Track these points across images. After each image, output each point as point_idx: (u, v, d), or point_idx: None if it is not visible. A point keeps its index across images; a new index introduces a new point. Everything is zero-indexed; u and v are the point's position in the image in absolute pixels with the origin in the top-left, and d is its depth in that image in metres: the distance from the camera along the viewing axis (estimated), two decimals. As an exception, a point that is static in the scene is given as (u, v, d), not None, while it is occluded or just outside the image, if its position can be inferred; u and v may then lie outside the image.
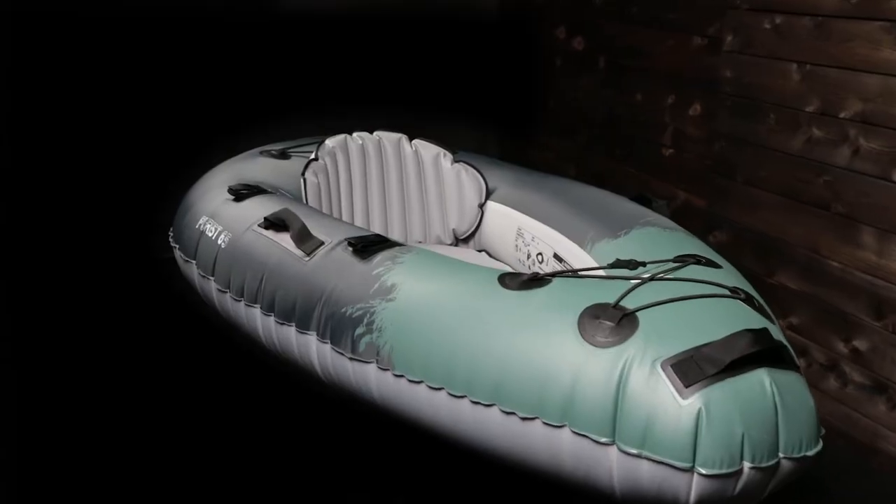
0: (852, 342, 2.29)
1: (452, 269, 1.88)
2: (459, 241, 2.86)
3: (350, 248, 2.01)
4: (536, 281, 1.76)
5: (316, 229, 2.13)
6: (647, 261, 1.87)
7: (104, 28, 3.29)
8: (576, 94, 3.53)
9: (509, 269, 2.52)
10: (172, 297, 2.81)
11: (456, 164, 2.83)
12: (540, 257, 2.49)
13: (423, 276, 1.87)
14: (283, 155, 2.82)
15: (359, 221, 2.76)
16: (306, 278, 2.02)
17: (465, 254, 2.74)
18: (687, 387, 1.49)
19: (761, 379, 1.52)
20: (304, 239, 2.09)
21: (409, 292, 1.84)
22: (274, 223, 2.19)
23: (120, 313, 3.01)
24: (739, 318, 1.64)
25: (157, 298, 3.03)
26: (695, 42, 2.84)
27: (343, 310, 1.90)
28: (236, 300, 2.21)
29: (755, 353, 1.51)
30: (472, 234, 2.82)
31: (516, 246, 2.61)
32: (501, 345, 1.65)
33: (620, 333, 1.58)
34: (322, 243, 2.07)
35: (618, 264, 1.85)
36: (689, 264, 1.86)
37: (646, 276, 1.77)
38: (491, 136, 4.13)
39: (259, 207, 2.33)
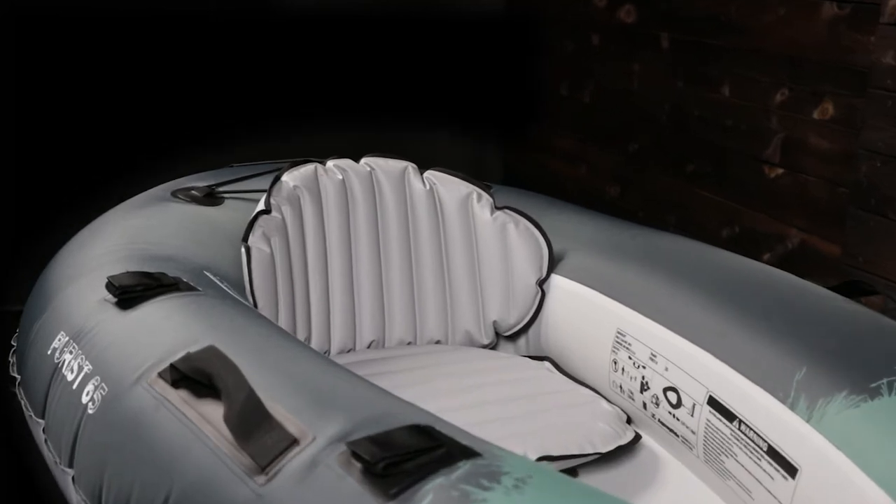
0: None
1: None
2: (502, 337, 1.79)
3: (360, 465, 0.92)
4: None
5: (279, 399, 1.03)
6: None
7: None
8: (624, 84, 2.88)
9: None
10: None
11: (499, 213, 1.76)
12: (673, 397, 1.42)
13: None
14: (212, 197, 1.83)
15: (338, 315, 1.69)
16: (261, 530, 0.93)
17: (517, 365, 1.69)
18: None
19: None
20: (255, 430, 0.99)
21: None
22: (189, 378, 1.09)
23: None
24: None
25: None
26: (826, 10, 2.22)
27: None
28: (115, 537, 1.11)
29: None
30: (525, 329, 1.77)
31: (614, 363, 1.54)
32: None
33: None
34: (294, 443, 0.98)
35: None
36: None
37: None
38: (490, 141, 3.41)
39: (162, 327, 1.24)
